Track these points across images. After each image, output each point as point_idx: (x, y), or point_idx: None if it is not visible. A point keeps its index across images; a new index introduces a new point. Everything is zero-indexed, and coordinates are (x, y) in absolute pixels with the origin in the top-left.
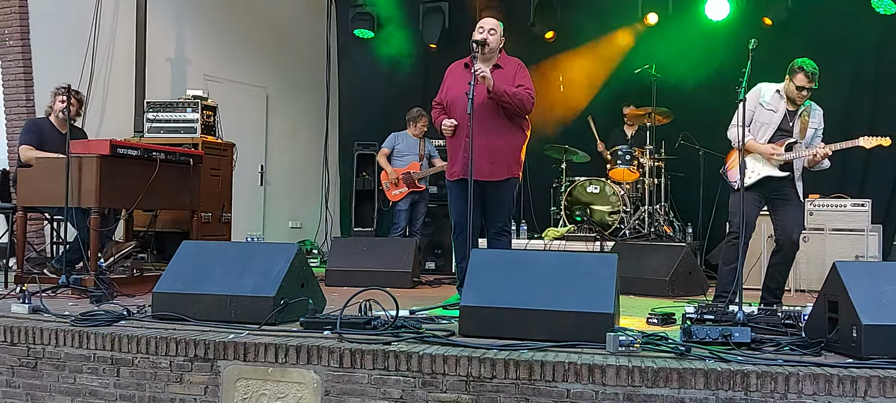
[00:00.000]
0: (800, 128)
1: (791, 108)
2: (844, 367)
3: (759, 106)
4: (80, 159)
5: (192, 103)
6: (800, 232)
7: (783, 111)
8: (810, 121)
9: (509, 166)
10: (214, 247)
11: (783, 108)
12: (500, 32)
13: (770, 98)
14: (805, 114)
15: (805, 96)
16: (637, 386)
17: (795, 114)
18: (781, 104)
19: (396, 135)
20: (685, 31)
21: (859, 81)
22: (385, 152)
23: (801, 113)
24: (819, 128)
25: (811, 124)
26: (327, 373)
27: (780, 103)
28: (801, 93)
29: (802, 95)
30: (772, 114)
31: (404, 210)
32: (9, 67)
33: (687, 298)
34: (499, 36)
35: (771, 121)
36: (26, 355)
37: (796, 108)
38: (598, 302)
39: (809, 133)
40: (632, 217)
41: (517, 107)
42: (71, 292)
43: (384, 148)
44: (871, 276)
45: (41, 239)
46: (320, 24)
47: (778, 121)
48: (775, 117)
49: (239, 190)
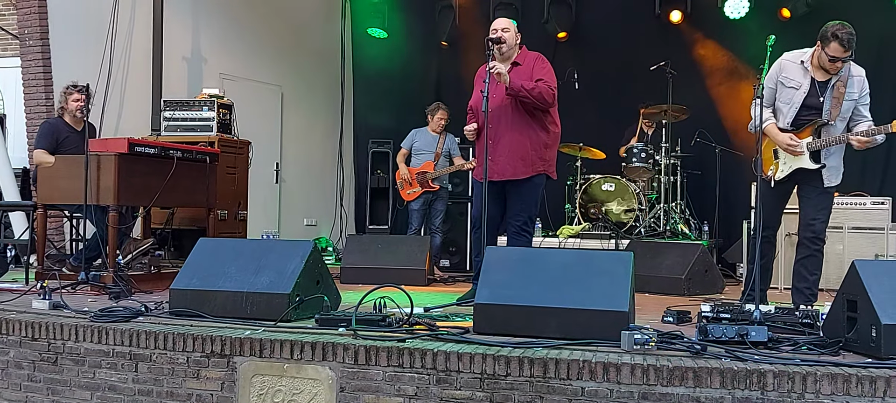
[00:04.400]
0: (833, 102)
1: (821, 79)
2: (863, 367)
3: (779, 84)
4: (98, 157)
5: (208, 102)
6: (825, 222)
7: (808, 84)
8: (847, 91)
9: (533, 163)
10: (230, 245)
11: (808, 81)
12: (514, 30)
13: (792, 72)
14: (840, 84)
15: (839, 68)
16: (652, 385)
17: (827, 85)
18: (807, 77)
19: (415, 132)
20: (703, 28)
21: (880, 75)
22: (403, 152)
23: (834, 84)
24: (861, 96)
25: (848, 95)
26: (342, 370)
27: (804, 76)
28: (834, 65)
29: (836, 67)
30: (793, 92)
31: (417, 210)
32: (29, 67)
33: (703, 297)
34: (513, 33)
35: (792, 100)
36: (47, 350)
37: (828, 78)
38: (612, 300)
39: (847, 106)
40: (647, 215)
41: (537, 102)
42: (90, 288)
43: (403, 148)
44: (891, 275)
45: (61, 236)
46: (335, 22)
47: (801, 98)
48: (797, 95)
49: (254, 187)
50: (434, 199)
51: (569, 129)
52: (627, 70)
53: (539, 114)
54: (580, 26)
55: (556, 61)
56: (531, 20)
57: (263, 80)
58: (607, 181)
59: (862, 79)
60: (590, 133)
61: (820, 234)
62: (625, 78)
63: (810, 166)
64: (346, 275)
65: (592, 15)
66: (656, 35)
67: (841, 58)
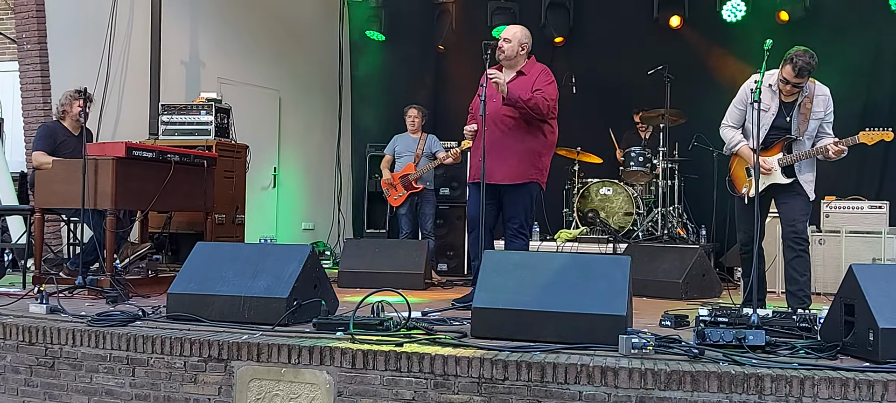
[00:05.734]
0: (800, 118)
1: (787, 100)
2: (861, 371)
3: (749, 106)
4: (96, 161)
5: (206, 106)
6: (804, 222)
7: (776, 106)
8: (813, 108)
9: (526, 170)
10: (228, 249)
11: (776, 103)
12: (517, 40)
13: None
14: (806, 100)
15: (792, 92)
16: (650, 389)
17: (793, 106)
18: (775, 99)
19: (396, 137)
20: (701, 32)
21: (877, 79)
22: (387, 159)
23: (800, 102)
24: (825, 115)
25: (814, 114)
26: (340, 374)
27: (772, 98)
28: (786, 88)
29: (789, 89)
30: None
31: (405, 214)
32: (26, 71)
33: (701, 301)
34: (516, 44)
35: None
36: (44, 354)
37: (794, 98)
38: (610, 305)
39: (813, 124)
40: (645, 219)
41: (533, 113)
42: (87, 293)
43: (386, 154)
44: (888, 279)
45: (58, 240)
46: (333, 26)
47: (770, 120)
48: (766, 116)
49: (252, 191)
50: (420, 201)
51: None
52: (625, 74)
53: (537, 121)
54: (577, 31)
55: (554, 66)
56: (528, 24)
57: (261, 84)
58: (605, 185)
59: (826, 98)
60: (587, 138)
61: (802, 233)
62: (622, 82)
63: (783, 181)
64: (343, 280)
65: (590, 19)
66: (653, 39)
67: (791, 82)
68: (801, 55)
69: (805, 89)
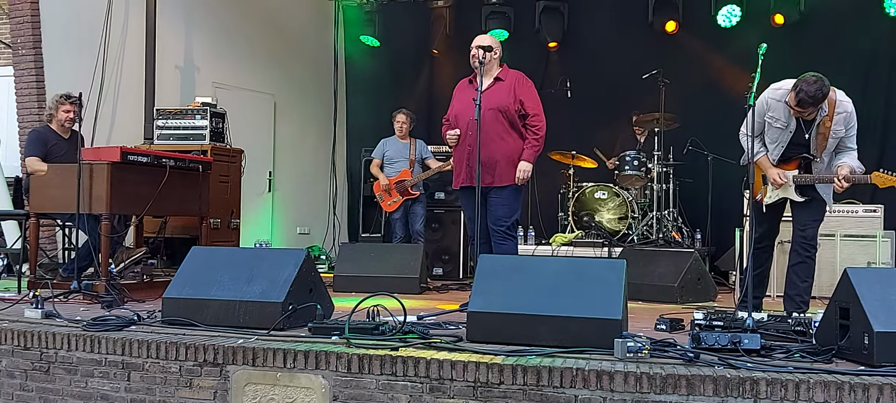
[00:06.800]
0: (818, 139)
1: (807, 118)
2: (856, 375)
3: (766, 123)
4: (91, 166)
5: (200, 110)
6: (815, 227)
7: (794, 124)
8: (833, 128)
9: (511, 174)
10: (223, 253)
11: (794, 122)
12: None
13: (778, 112)
14: (826, 119)
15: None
16: (645, 393)
17: (812, 124)
18: (793, 117)
19: (384, 141)
20: (695, 36)
21: (871, 83)
22: (376, 162)
23: (819, 121)
24: (847, 132)
25: (834, 132)
26: (335, 378)
27: (790, 116)
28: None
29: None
30: (780, 132)
31: (398, 219)
32: (21, 76)
33: (696, 304)
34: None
35: (779, 139)
36: (39, 359)
37: (813, 116)
38: (606, 308)
39: (832, 142)
40: (640, 223)
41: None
42: (82, 297)
43: (375, 158)
44: (883, 283)
45: (54, 245)
46: (328, 31)
47: (788, 138)
48: (784, 134)
49: (247, 196)
50: (412, 204)
51: (561, 138)
52: (620, 79)
53: (518, 127)
54: (572, 35)
55: (548, 70)
56: (523, 29)
57: (256, 89)
58: (600, 189)
59: (847, 115)
60: (582, 142)
61: (812, 240)
62: (617, 87)
63: (797, 198)
64: (339, 284)
65: (584, 24)
66: (648, 43)
67: (793, 107)
68: (809, 84)
69: (823, 108)
